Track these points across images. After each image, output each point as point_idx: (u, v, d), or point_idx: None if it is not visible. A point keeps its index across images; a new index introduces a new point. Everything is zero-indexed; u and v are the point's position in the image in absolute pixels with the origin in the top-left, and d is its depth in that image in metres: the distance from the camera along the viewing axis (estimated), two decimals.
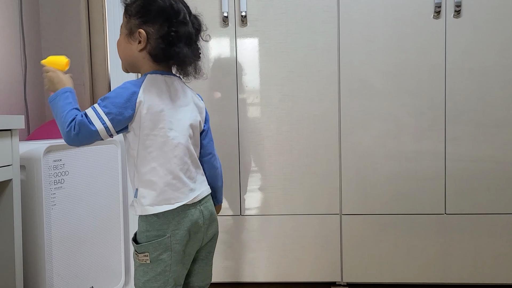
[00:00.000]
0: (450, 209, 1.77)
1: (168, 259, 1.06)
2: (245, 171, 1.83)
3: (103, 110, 1.02)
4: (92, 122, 1.01)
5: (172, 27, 1.08)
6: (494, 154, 1.75)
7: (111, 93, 1.05)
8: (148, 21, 1.08)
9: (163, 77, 1.11)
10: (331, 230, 1.82)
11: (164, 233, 1.06)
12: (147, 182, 1.06)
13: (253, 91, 1.81)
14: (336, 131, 1.79)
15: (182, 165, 1.08)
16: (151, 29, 1.08)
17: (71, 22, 2.30)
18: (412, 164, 1.77)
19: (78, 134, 1.01)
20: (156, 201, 1.05)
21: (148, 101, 1.05)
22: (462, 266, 1.78)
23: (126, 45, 1.12)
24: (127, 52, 1.12)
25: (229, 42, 1.80)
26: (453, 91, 1.75)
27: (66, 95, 1.07)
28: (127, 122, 1.05)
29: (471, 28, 1.73)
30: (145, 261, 1.06)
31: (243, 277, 1.86)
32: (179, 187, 1.07)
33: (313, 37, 1.77)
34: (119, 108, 1.02)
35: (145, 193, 1.07)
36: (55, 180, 1.45)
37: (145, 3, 1.10)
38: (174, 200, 1.06)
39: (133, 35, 1.10)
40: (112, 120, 1.02)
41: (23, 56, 2.09)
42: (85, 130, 1.01)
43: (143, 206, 1.07)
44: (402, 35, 1.75)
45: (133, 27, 1.10)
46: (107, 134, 1.03)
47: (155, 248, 1.05)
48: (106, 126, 1.02)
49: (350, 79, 1.77)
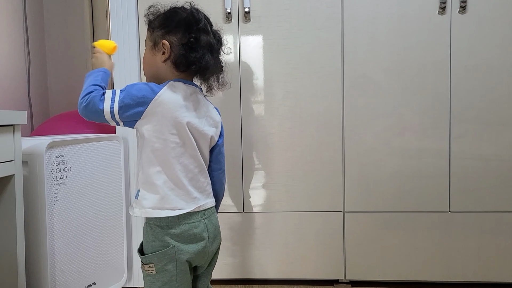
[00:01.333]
0: (454, 207, 1.76)
1: (173, 269, 1.06)
2: (248, 168, 1.82)
3: (119, 96, 1.04)
4: (103, 100, 1.04)
5: (192, 33, 1.10)
6: (499, 152, 1.73)
7: (134, 84, 1.07)
8: (170, 31, 1.11)
9: (185, 86, 1.11)
10: (334, 227, 1.81)
11: (168, 244, 1.05)
12: (151, 184, 1.06)
13: (256, 88, 1.80)
14: (339, 128, 1.78)
15: (187, 173, 1.08)
16: (173, 38, 1.10)
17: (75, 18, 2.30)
18: (416, 161, 1.76)
19: (86, 107, 1.04)
20: (158, 205, 1.05)
21: (165, 105, 1.05)
22: (466, 264, 1.77)
23: (151, 57, 1.14)
24: (152, 63, 1.14)
25: (232, 38, 1.79)
26: (457, 88, 1.73)
27: (98, 74, 1.11)
28: (136, 118, 1.05)
29: (477, 24, 1.71)
30: (151, 272, 1.07)
31: (245, 274, 1.86)
32: (181, 195, 1.07)
33: (316, 33, 1.76)
34: (131, 100, 1.03)
35: (146, 195, 1.07)
36: (58, 176, 1.45)
37: (167, 15, 1.14)
38: (176, 207, 1.06)
39: (157, 46, 1.12)
40: (120, 108, 1.03)
41: (26, 52, 2.09)
42: (93, 105, 1.04)
43: (143, 208, 1.06)
44: (406, 32, 1.73)
45: (157, 38, 1.12)
46: (111, 118, 1.05)
47: (159, 259, 1.05)
48: (112, 110, 1.03)
49: (354, 76, 1.76)
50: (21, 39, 2.06)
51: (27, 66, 2.09)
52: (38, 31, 2.22)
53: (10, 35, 1.97)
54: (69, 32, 2.30)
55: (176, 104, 1.06)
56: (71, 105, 2.28)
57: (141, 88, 1.05)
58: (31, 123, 2.11)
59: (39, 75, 2.20)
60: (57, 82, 2.30)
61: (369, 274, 1.81)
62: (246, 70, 1.79)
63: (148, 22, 1.17)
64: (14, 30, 2.01)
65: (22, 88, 2.06)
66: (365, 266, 1.81)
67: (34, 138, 1.57)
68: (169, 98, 1.06)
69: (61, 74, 2.30)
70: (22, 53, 2.06)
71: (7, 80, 1.94)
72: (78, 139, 1.55)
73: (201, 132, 1.11)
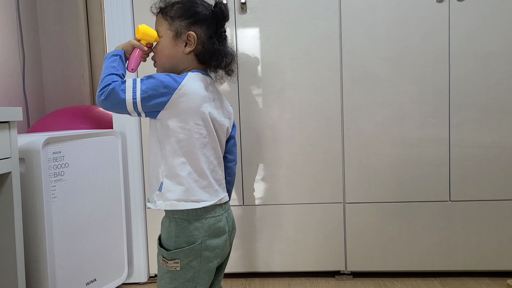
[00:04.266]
0: (454, 196, 1.76)
1: (197, 266, 1.04)
2: (247, 161, 1.81)
3: (140, 86, 1.01)
4: (124, 90, 1.01)
5: (221, 28, 1.10)
6: (499, 140, 1.73)
7: (155, 74, 1.04)
8: (196, 22, 1.09)
9: (204, 76, 1.10)
10: (335, 218, 1.80)
11: (195, 240, 1.03)
12: (175, 176, 1.03)
13: (254, 79, 1.78)
14: (338, 118, 1.77)
15: (209, 165, 1.07)
16: (199, 30, 1.09)
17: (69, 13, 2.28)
18: (416, 150, 1.75)
19: (106, 99, 1.01)
20: (183, 197, 1.03)
21: (188, 95, 1.03)
22: (467, 253, 1.77)
23: (172, 47, 1.10)
24: (173, 54, 1.10)
25: (228, 30, 1.76)
26: (457, 76, 1.72)
27: (114, 58, 1.08)
28: (159, 108, 1.02)
29: (475, 12, 1.69)
30: (175, 268, 1.03)
31: (246, 267, 1.85)
32: (205, 186, 1.05)
33: (314, 23, 1.74)
34: (154, 90, 1.00)
35: (171, 187, 1.03)
36: (55, 173, 1.44)
37: (189, 5, 1.10)
38: (200, 199, 1.04)
39: (180, 37, 1.09)
40: (143, 98, 1.00)
41: (21, 48, 2.07)
42: (114, 96, 1.00)
43: (168, 200, 1.03)
44: (405, 20, 1.72)
45: (180, 28, 1.09)
46: (133, 109, 1.01)
47: (186, 254, 1.03)
48: (135, 100, 1.00)
49: (353, 66, 1.74)
50: (15, 35, 2.03)
51: (22, 62, 2.07)
52: (32, 27, 2.19)
53: (4, 31, 1.95)
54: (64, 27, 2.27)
55: (199, 94, 1.05)
56: (67, 101, 2.26)
57: (164, 78, 1.02)
58: (27, 119, 2.09)
59: (34, 72, 2.18)
60: (53, 78, 2.28)
61: (370, 265, 1.81)
62: (244, 62, 1.77)
63: (161, 10, 1.12)
64: (8, 26, 1.98)
65: (17, 85, 2.04)
66: (366, 257, 1.81)
67: (30, 135, 1.55)
68: (192, 88, 1.04)
69: (56, 70, 2.28)
70: (16, 49, 2.04)
71: (2, 77, 1.92)
72: (75, 135, 1.53)
73: (220, 123, 1.10)
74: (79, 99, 2.28)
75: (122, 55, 1.10)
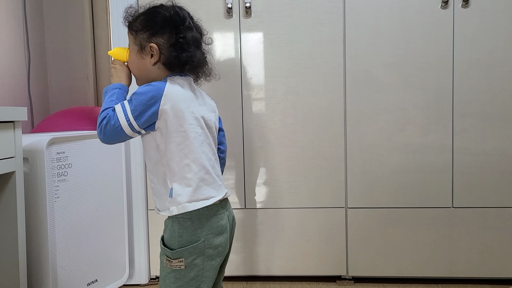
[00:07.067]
0: (457, 203, 1.75)
1: (201, 264, 1.05)
2: (249, 165, 1.81)
3: (129, 107, 1.02)
4: (117, 117, 1.02)
5: (180, 33, 1.09)
6: (502, 147, 1.72)
7: (138, 90, 1.04)
8: (156, 32, 1.09)
9: (182, 78, 1.11)
10: (337, 223, 1.80)
11: (198, 238, 1.04)
12: (182, 179, 1.05)
13: (257, 83, 1.79)
14: (341, 123, 1.77)
15: (209, 161, 1.09)
16: (160, 40, 1.09)
17: (75, 15, 2.29)
18: (419, 157, 1.75)
19: (104, 133, 1.03)
20: (194, 197, 1.04)
21: (173, 99, 1.04)
22: (469, 260, 1.76)
23: (140, 61, 1.11)
24: (141, 67, 1.12)
25: (233, 33, 1.77)
26: (460, 82, 1.72)
27: (114, 92, 1.09)
28: (154, 119, 1.03)
29: (480, 19, 1.70)
30: (179, 267, 1.04)
31: (247, 271, 1.85)
32: (211, 182, 1.07)
33: (318, 28, 1.75)
34: (143, 105, 1.01)
35: (180, 191, 1.04)
36: (58, 173, 1.44)
37: (149, 16, 1.11)
38: (209, 196, 1.06)
39: (144, 49, 1.10)
40: (135, 117, 1.01)
41: (26, 49, 2.08)
42: (110, 126, 1.02)
43: (180, 204, 1.04)
44: (409, 26, 1.72)
45: (143, 41, 1.10)
46: (131, 131, 1.03)
47: (190, 253, 1.04)
48: (129, 122, 1.01)
49: (356, 71, 1.75)
50: (21, 36, 2.05)
51: (27, 63, 2.08)
52: (38, 28, 2.21)
53: (10, 32, 1.96)
54: (69, 29, 2.28)
55: (184, 96, 1.07)
56: (71, 103, 2.27)
57: (146, 90, 1.03)
58: (31, 120, 2.10)
59: (39, 72, 2.19)
60: (57, 79, 2.29)
61: (371, 270, 1.81)
62: (247, 66, 1.78)
63: (129, 25, 1.13)
64: (14, 27, 2.00)
65: (22, 86, 2.05)
66: (368, 262, 1.80)
67: (34, 135, 1.56)
68: (176, 91, 1.05)
69: (61, 71, 2.29)
70: (22, 50, 2.05)
71: (7, 77, 1.93)
72: (79, 136, 1.54)
73: (207, 119, 1.11)
74: (83, 101, 2.29)
75: (123, 87, 1.11)
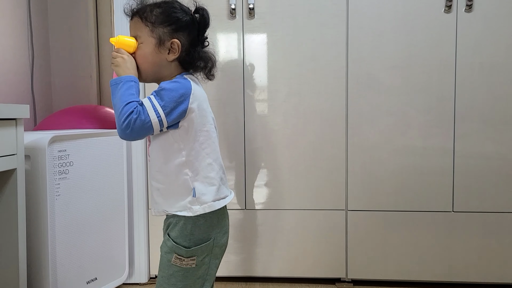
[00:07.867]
0: (457, 207, 1.75)
1: (208, 262, 1.07)
2: (251, 166, 1.81)
3: (158, 103, 0.99)
4: (148, 114, 0.98)
5: (199, 34, 1.09)
6: (503, 151, 1.72)
7: (166, 85, 1.01)
8: (179, 29, 1.06)
9: (195, 77, 1.11)
10: (337, 225, 1.80)
11: (209, 237, 1.05)
12: (205, 177, 1.05)
13: (260, 84, 1.79)
14: (343, 125, 1.77)
15: (222, 160, 1.12)
16: (182, 37, 1.06)
17: (79, 14, 2.30)
18: (420, 160, 1.75)
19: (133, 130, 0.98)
20: (217, 196, 1.06)
21: (199, 98, 1.04)
22: (468, 264, 1.76)
23: (156, 55, 1.06)
24: (156, 61, 1.06)
25: (236, 35, 1.78)
26: (462, 86, 1.72)
27: (130, 85, 1.02)
28: (181, 118, 1.01)
29: (483, 23, 1.69)
30: (191, 265, 1.04)
31: (247, 272, 1.85)
32: (225, 182, 1.11)
33: (321, 30, 1.75)
34: (174, 102, 0.99)
35: (204, 190, 1.04)
36: (60, 171, 1.45)
37: (170, 10, 1.07)
38: (226, 195, 1.09)
39: (164, 44, 1.05)
40: (167, 114, 0.99)
41: (30, 47, 2.09)
42: (141, 124, 0.98)
43: (206, 203, 1.04)
44: (412, 29, 1.72)
45: (163, 35, 1.05)
46: (159, 128, 1.00)
47: (202, 251, 1.05)
48: (160, 119, 0.98)
49: (358, 73, 1.75)
50: (25, 34, 2.06)
51: (31, 61, 2.09)
52: (42, 26, 2.21)
53: (14, 30, 1.97)
54: (73, 27, 2.29)
55: (204, 95, 1.08)
56: (74, 101, 2.28)
57: (176, 87, 1.01)
58: (34, 117, 2.11)
59: (42, 70, 2.20)
60: (61, 77, 2.30)
61: (371, 273, 1.80)
62: (250, 67, 1.79)
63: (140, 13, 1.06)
64: (18, 25, 2.00)
65: (26, 83, 2.06)
66: (367, 265, 1.80)
67: (36, 133, 1.57)
68: (199, 90, 1.06)
69: (65, 69, 2.30)
70: (26, 48, 2.06)
71: (11, 74, 1.94)
72: (81, 134, 1.55)
73: (214, 118, 1.12)
74: (86, 100, 2.30)
75: (137, 81, 1.04)
